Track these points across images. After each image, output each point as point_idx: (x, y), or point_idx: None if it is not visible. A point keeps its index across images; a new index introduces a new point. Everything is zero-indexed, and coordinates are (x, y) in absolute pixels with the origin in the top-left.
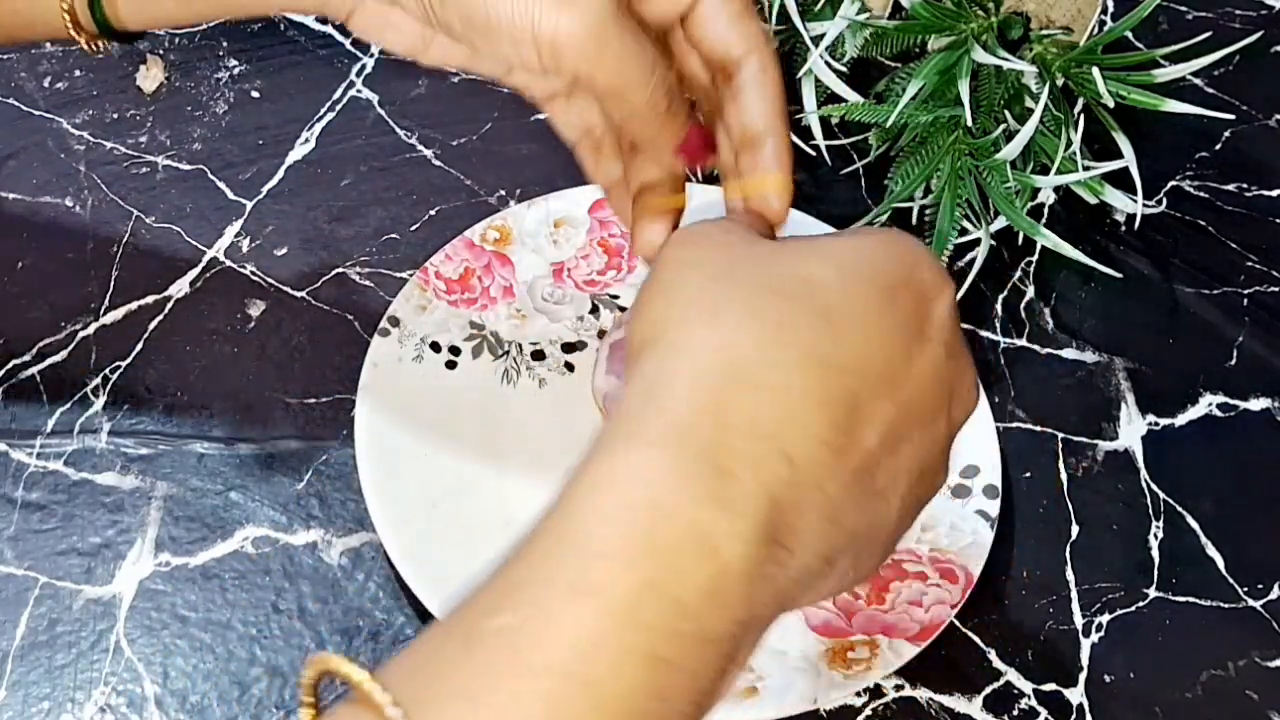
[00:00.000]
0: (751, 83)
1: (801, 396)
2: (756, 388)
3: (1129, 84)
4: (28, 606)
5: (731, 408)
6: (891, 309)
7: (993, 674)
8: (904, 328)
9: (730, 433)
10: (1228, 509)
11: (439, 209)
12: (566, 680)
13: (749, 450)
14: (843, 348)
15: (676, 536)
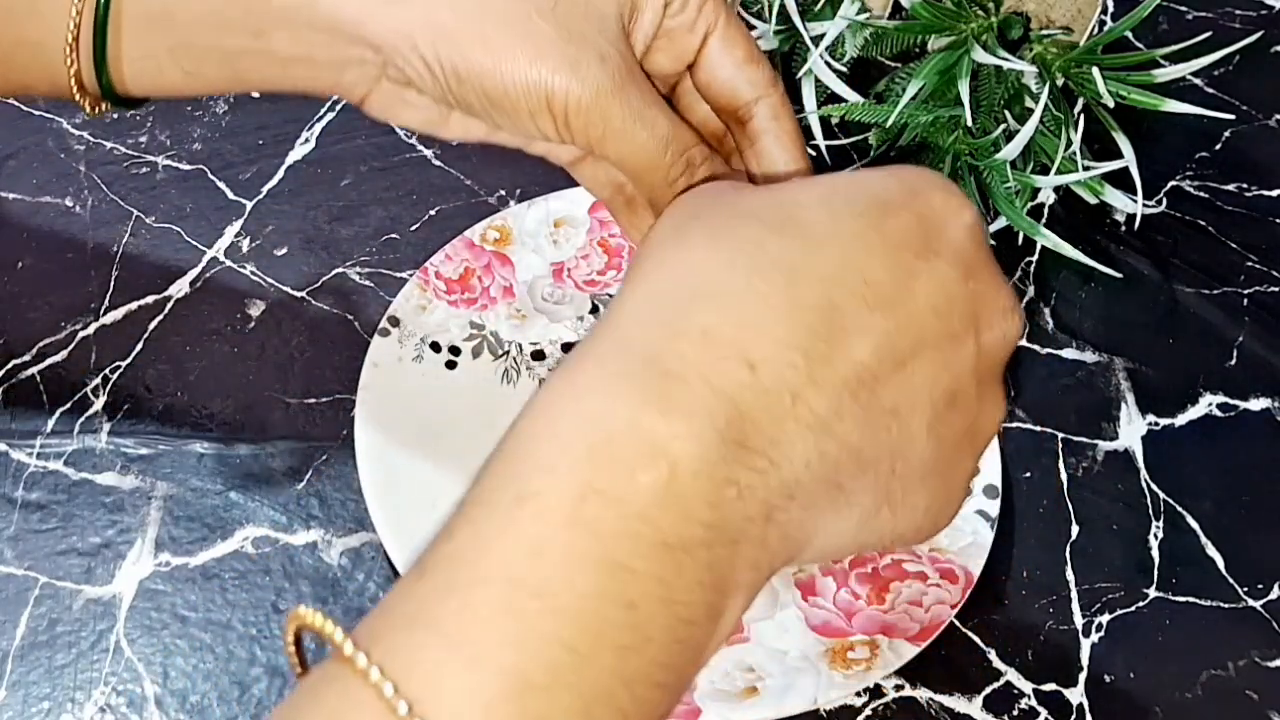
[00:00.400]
0: (766, 128)
1: (763, 302)
2: (713, 296)
3: (1129, 84)
4: (28, 606)
5: (684, 318)
6: (883, 225)
7: (993, 674)
8: (900, 244)
9: (680, 340)
10: (1228, 509)
11: (439, 209)
12: (515, 586)
13: (700, 355)
14: (818, 258)
15: (617, 440)
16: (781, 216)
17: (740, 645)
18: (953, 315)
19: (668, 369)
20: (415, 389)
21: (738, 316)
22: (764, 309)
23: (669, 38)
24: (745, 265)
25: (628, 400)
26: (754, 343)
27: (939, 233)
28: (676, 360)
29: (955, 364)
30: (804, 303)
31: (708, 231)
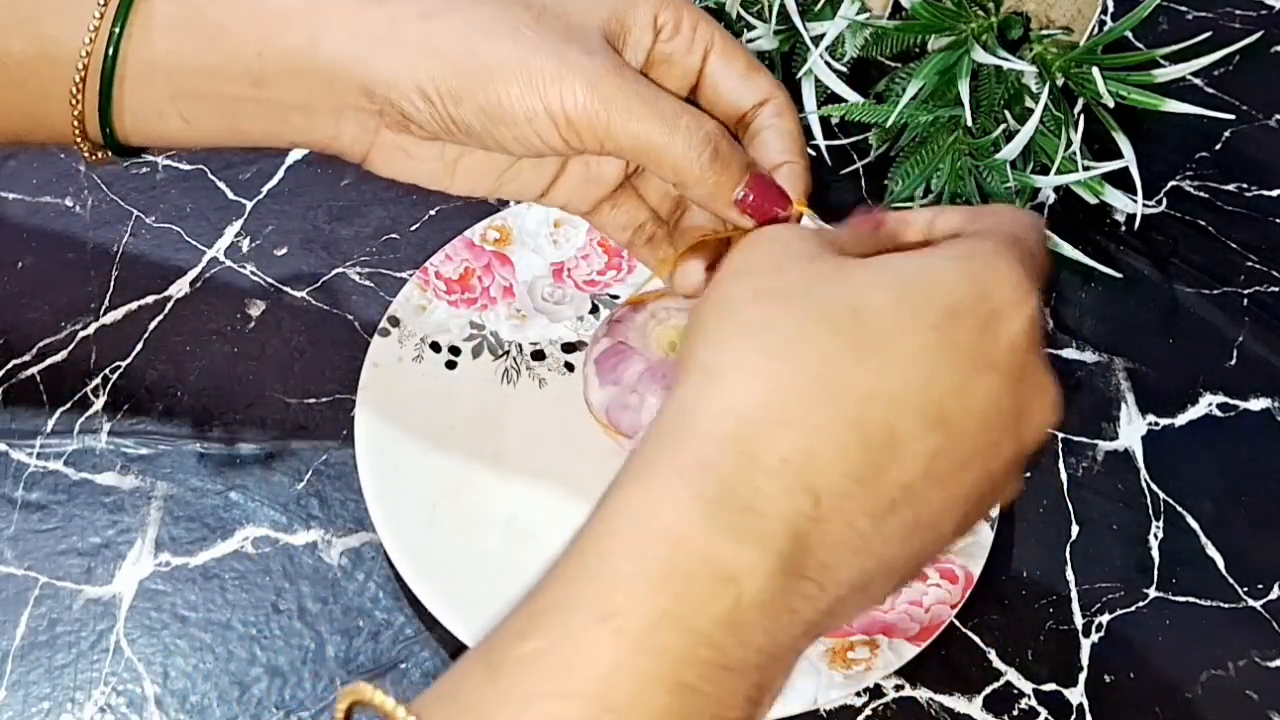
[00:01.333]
0: (769, 124)
1: (832, 433)
2: (787, 424)
3: (1129, 84)
4: (28, 606)
5: (760, 443)
6: (948, 339)
7: (993, 674)
8: (961, 359)
9: (755, 468)
10: (1228, 509)
11: (439, 209)
12: (589, 704)
13: (772, 486)
14: (884, 381)
15: (694, 567)
16: (856, 330)
17: None
18: (1000, 426)
19: (746, 501)
20: (415, 389)
21: (810, 447)
22: (834, 442)
23: (669, 62)
24: (822, 393)
25: (705, 528)
26: (822, 475)
27: (998, 338)
28: (753, 492)
29: (996, 469)
30: (870, 431)
31: (784, 340)
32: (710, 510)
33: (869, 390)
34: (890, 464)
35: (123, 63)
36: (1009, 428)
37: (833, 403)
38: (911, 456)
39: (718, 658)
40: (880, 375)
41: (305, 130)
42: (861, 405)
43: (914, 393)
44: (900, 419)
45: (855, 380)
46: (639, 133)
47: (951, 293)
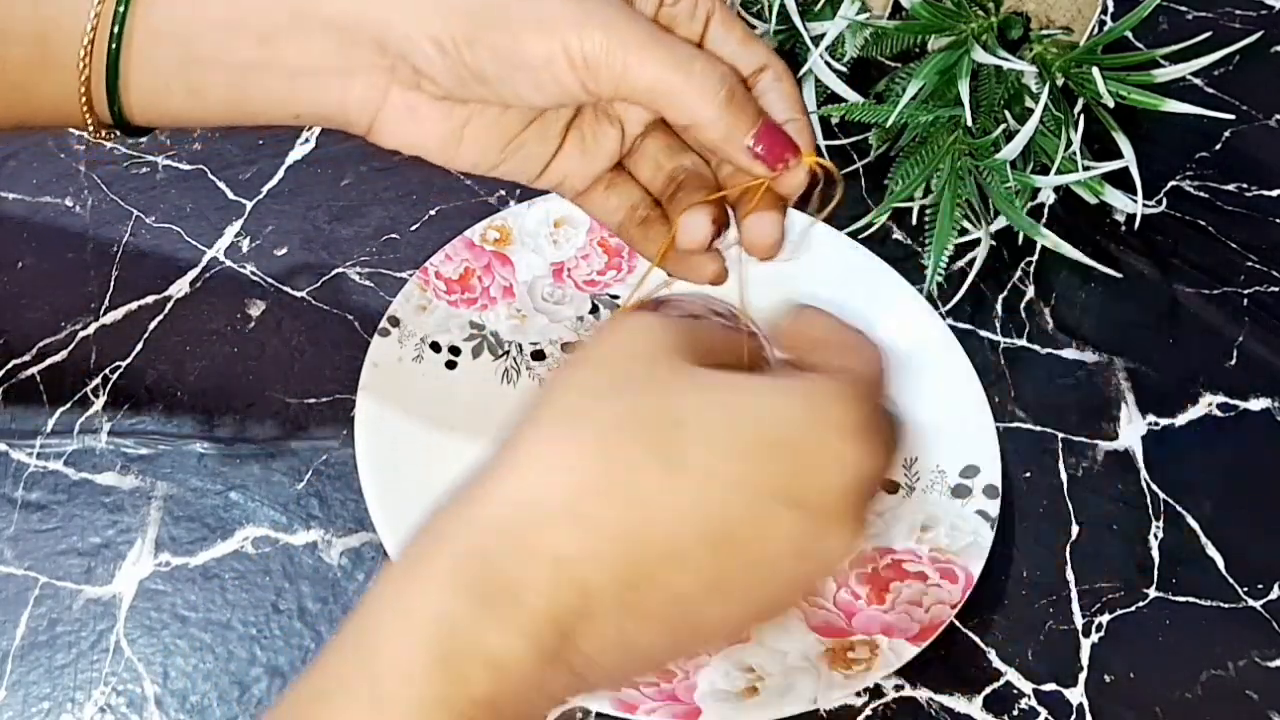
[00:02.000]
0: (770, 87)
1: (614, 537)
2: (570, 520)
3: (1129, 84)
4: (28, 606)
5: (537, 536)
6: (758, 469)
7: (993, 674)
8: (764, 489)
9: (528, 560)
10: (1228, 509)
11: (439, 209)
12: None
13: (542, 580)
14: (678, 496)
15: (464, 655)
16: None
17: (740, 645)
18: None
19: (516, 593)
20: (415, 389)
21: (587, 548)
22: (611, 545)
23: (673, 25)
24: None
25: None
26: (594, 576)
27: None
28: (525, 585)
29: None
30: (649, 542)
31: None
32: (479, 598)
33: (661, 502)
34: (666, 576)
35: (129, 32)
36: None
37: (621, 507)
38: (692, 572)
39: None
40: (676, 490)
41: (313, 97)
42: (649, 515)
43: (706, 514)
44: (687, 538)
45: (650, 490)
46: (656, 75)
47: (776, 427)
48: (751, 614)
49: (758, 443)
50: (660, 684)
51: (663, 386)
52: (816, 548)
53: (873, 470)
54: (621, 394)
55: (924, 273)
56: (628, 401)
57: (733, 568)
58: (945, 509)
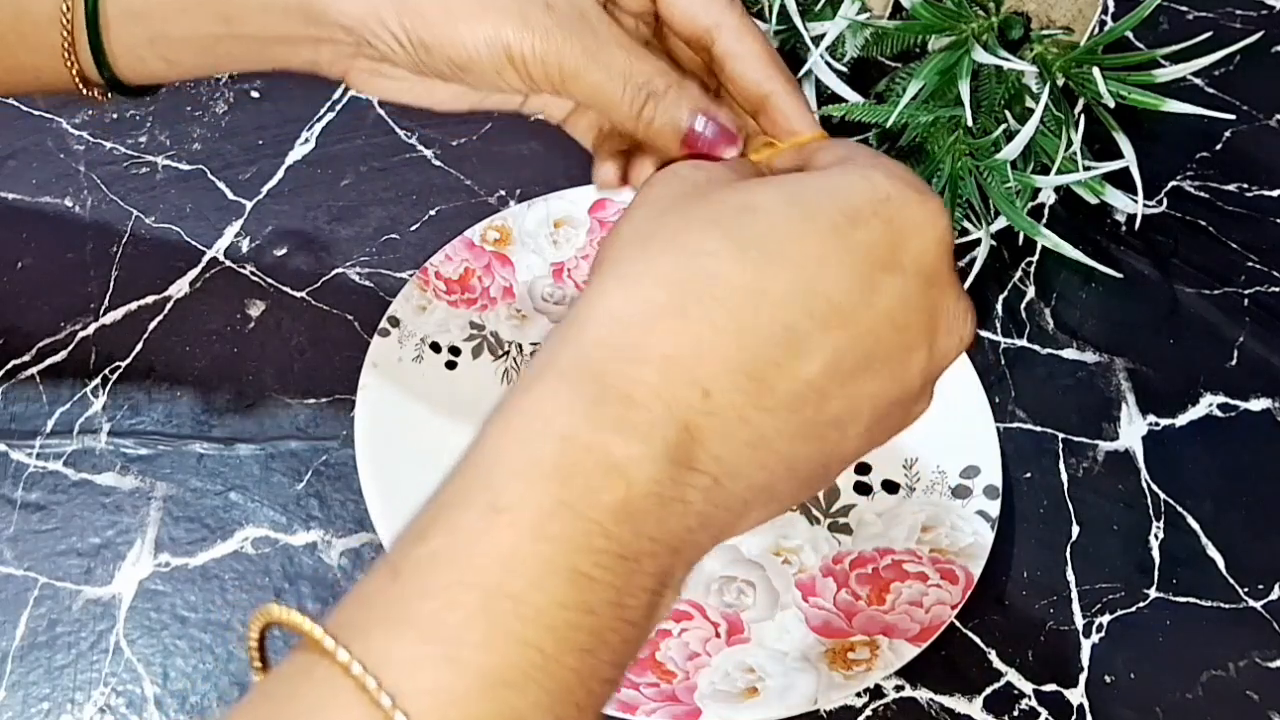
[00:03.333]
0: (731, 49)
1: (721, 328)
2: (674, 318)
3: (1129, 84)
4: (27, 607)
5: (641, 340)
6: (846, 238)
7: (993, 674)
8: (865, 256)
9: (642, 366)
10: (1228, 509)
11: (439, 209)
12: (490, 594)
13: (655, 379)
14: (776, 281)
15: (582, 460)
16: (744, 231)
17: (740, 646)
18: (910, 327)
19: (629, 394)
20: (415, 389)
21: (694, 343)
22: (720, 336)
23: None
24: (703, 291)
25: (589, 423)
26: (708, 369)
27: (906, 243)
28: (637, 386)
29: (905, 375)
30: (758, 327)
31: (669, 246)
32: (593, 406)
33: (758, 288)
34: (787, 360)
35: (104, 12)
36: (922, 329)
37: (720, 299)
38: (810, 353)
39: (613, 546)
40: (767, 276)
41: (287, 56)
42: (747, 303)
43: (806, 293)
44: (793, 316)
45: (741, 282)
46: (589, 93)
47: (853, 196)
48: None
49: (838, 216)
50: (660, 684)
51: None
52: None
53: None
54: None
55: None
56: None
57: (847, 343)
58: (946, 509)
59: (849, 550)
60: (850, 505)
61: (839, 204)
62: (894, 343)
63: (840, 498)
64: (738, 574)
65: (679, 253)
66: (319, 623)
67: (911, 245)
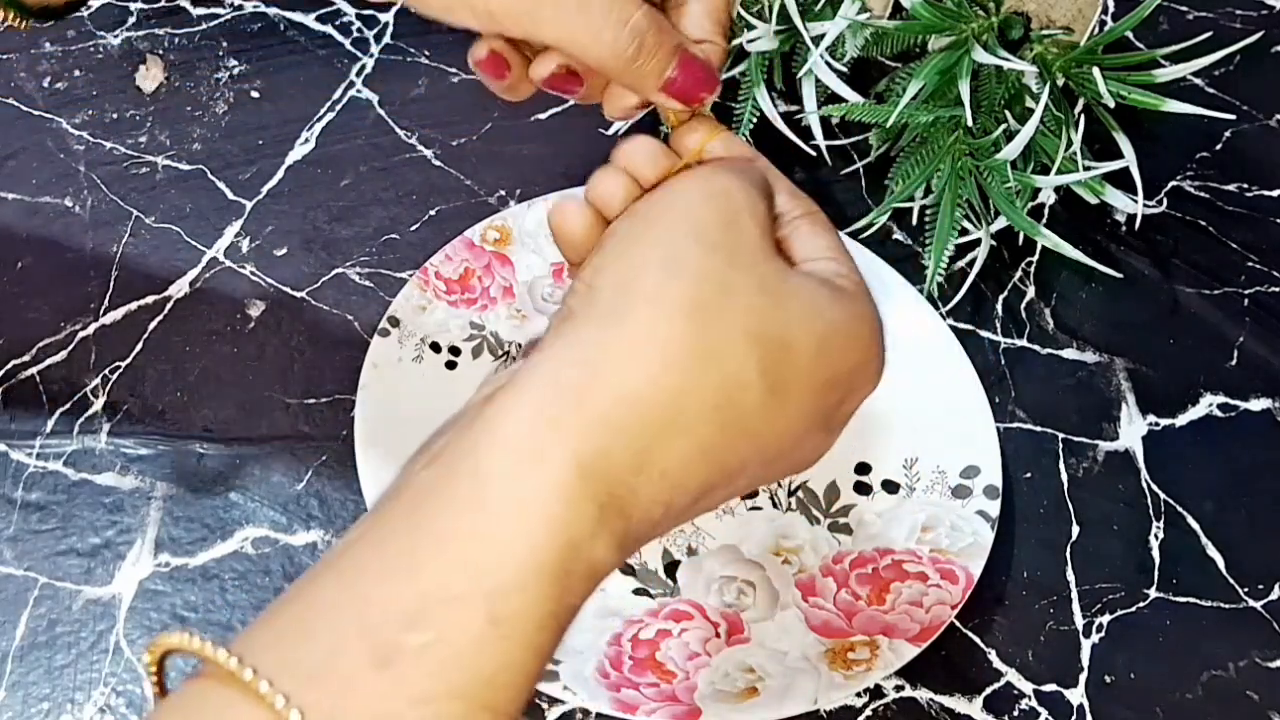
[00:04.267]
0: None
1: (707, 454)
2: (679, 433)
3: (1129, 84)
4: (27, 607)
5: (653, 448)
6: (819, 400)
7: (993, 674)
8: (815, 418)
9: (642, 474)
10: (1228, 509)
11: (439, 209)
12: (473, 705)
13: (649, 493)
14: (773, 422)
15: (577, 571)
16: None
17: (740, 646)
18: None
19: (627, 509)
20: (415, 389)
21: (687, 466)
22: (706, 465)
23: None
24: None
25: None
26: (681, 494)
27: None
28: (635, 502)
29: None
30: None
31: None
32: (600, 517)
33: (757, 426)
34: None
35: None
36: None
37: (724, 423)
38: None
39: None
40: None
41: None
42: (744, 434)
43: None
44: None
45: (749, 410)
46: (562, 33)
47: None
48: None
49: (827, 379)
50: (660, 684)
51: (773, 297)
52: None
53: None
54: (738, 298)
55: (924, 273)
56: (744, 312)
57: (765, 472)
58: (946, 509)
59: (849, 550)
60: (850, 505)
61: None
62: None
63: (840, 498)
64: (738, 574)
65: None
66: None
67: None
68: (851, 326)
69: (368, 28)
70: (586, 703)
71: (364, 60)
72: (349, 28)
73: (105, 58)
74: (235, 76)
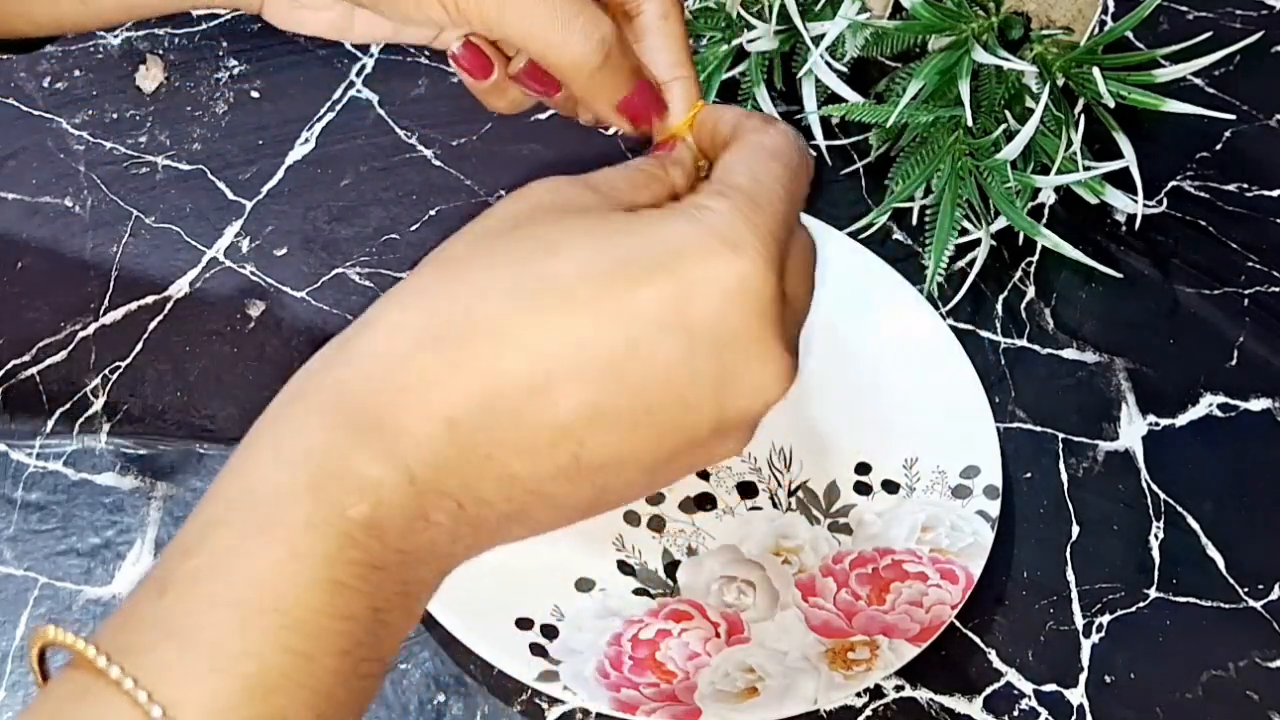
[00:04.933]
0: (652, 26)
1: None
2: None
3: (1129, 84)
4: (27, 607)
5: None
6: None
7: (993, 674)
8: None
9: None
10: (1228, 509)
11: (439, 209)
12: (254, 609)
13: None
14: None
15: (332, 480)
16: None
17: (740, 646)
18: (689, 388)
19: (379, 421)
20: None
21: (445, 375)
22: (471, 373)
23: None
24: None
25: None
26: (455, 401)
27: (692, 304)
28: (387, 413)
29: (686, 428)
30: (510, 371)
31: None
32: (345, 432)
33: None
34: (534, 404)
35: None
36: (708, 392)
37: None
38: (561, 401)
39: (364, 557)
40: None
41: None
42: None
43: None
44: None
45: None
46: (531, 30)
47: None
48: (664, 454)
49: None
50: (660, 684)
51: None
52: (719, 373)
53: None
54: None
55: (924, 273)
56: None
57: (608, 397)
58: (945, 509)
59: (849, 550)
60: (850, 505)
61: (638, 258)
62: (669, 401)
63: (840, 498)
64: (738, 574)
65: (459, 284)
66: (91, 641)
67: (698, 306)
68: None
69: None
70: (586, 703)
71: (364, 60)
72: None
73: (105, 58)
74: (235, 76)
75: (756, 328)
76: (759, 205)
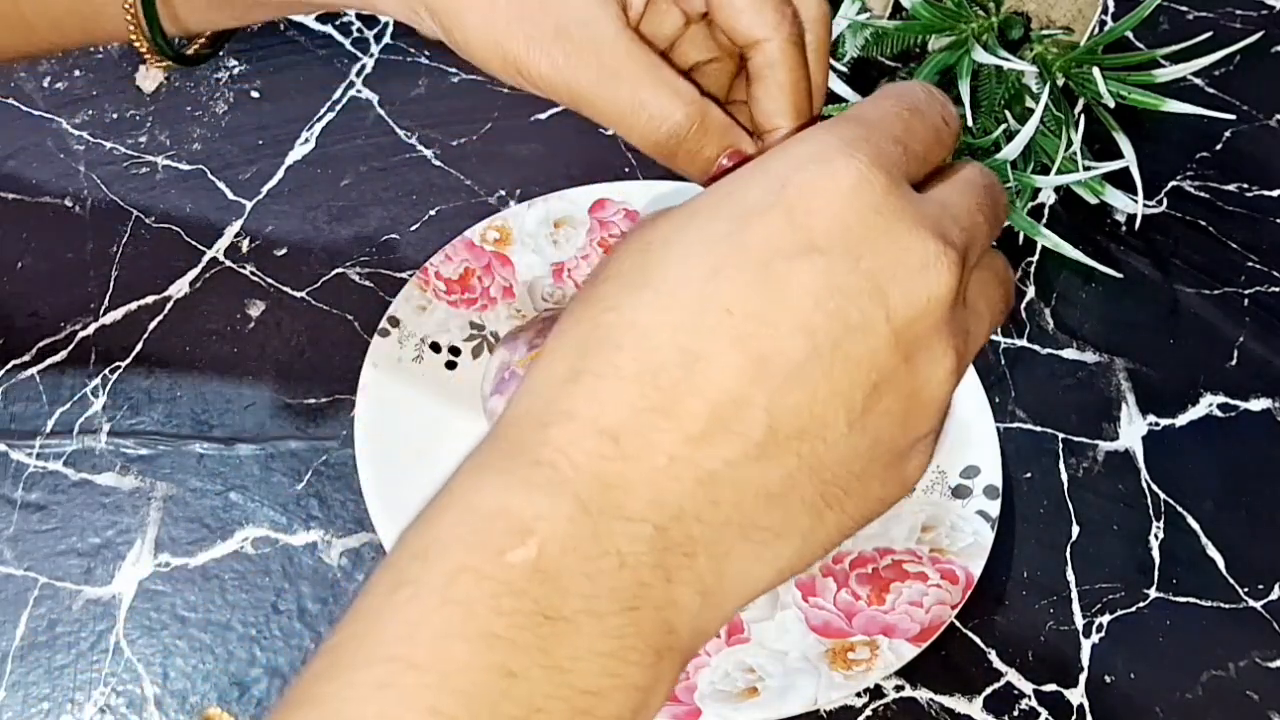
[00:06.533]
0: (761, 75)
1: (621, 375)
2: (574, 379)
3: (1129, 84)
4: (27, 607)
5: (550, 405)
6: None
7: (993, 674)
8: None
9: (543, 427)
10: (1228, 509)
11: (439, 209)
12: (391, 663)
13: (563, 437)
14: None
15: (485, 524)
16: (639, 272)
17: (740, 646)
18: (847, 304)
19: (535, 456)
20: (415, 389)
21: (593, 394)
22: (621, 382)
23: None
24: (603, 342)
25: (494, 486)
26: (613, 415)
27: (811, 222)
28: (542, 447)
29: (864, 353)
30: (658, 361)
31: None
32: (499, 476)
33: (653, 322)
34: (696, 386)
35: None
36: (866, 300)
37: (620, 345)
38: (716, 369)
39: (528, 605)
40: (661, 304)
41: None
42: (648, 338)
43: (702, 312)
44: (691, 340)
45: (638, 317)
46: (607, 112)
47: (744, 196)
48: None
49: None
50: None
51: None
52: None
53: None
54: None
55: None
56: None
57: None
58: (945, 509)
59: (849, 550)
60: None
61: (730, 212)
62: (832, 326)
63: None
64: None
65: (586, 308)
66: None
67: (819, 221)
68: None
69: (368, 28)
70: None
71: (364, 60)
72: (349, 28)
73: (105, 58)
74: (235, 76)
75: (881, 221)
76: (849, 119)
